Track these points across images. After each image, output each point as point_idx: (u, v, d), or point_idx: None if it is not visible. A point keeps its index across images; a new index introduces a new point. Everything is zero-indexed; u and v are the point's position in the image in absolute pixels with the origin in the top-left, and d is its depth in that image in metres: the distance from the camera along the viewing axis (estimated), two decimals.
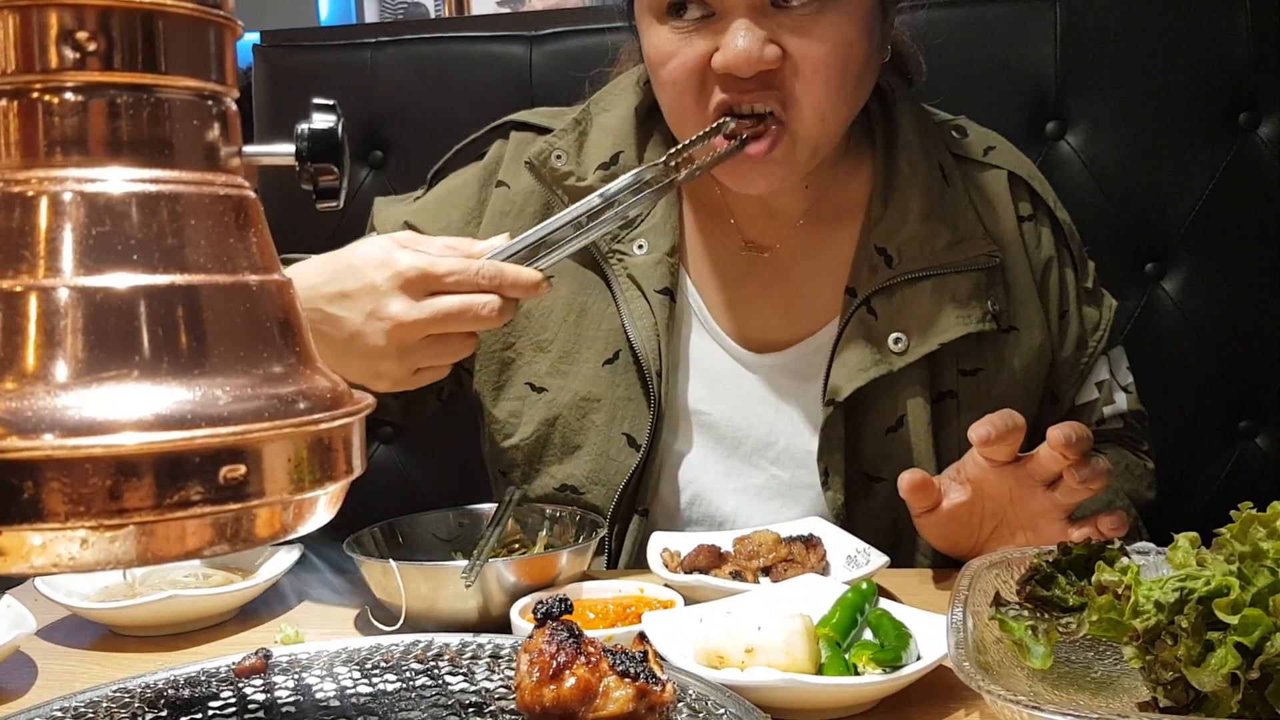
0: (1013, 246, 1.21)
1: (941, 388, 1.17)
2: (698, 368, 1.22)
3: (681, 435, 1.21)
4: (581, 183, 1.20)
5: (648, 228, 1.21)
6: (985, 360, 1.18)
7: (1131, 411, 1.26)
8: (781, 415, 1.20)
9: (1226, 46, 1.52)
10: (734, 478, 1.21)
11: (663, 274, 1.19)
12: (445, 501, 1.19)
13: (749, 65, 1.03)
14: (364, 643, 0.84)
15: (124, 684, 0.78)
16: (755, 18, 1.04)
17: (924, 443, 1.16)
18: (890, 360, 1.14)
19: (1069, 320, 1.23)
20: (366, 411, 0.52)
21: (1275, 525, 0.71)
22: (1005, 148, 1.28)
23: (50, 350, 0.43)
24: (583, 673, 0.67)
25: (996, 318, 1.17)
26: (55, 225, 0.45)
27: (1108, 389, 1.24)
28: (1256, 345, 1.55)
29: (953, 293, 1.16)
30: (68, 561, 0.43)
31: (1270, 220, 1.54)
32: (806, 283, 1.22)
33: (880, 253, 1.17)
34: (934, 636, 0.83)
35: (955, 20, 1.58)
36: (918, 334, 1.15)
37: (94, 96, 0.46)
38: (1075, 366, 1.23)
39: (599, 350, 1.20)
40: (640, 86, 1.24)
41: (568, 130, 1.24)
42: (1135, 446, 1.27)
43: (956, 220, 1.18)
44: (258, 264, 0.49)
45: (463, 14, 3.13)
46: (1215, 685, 0.66)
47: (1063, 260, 1.24)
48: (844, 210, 1.23)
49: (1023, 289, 1.20)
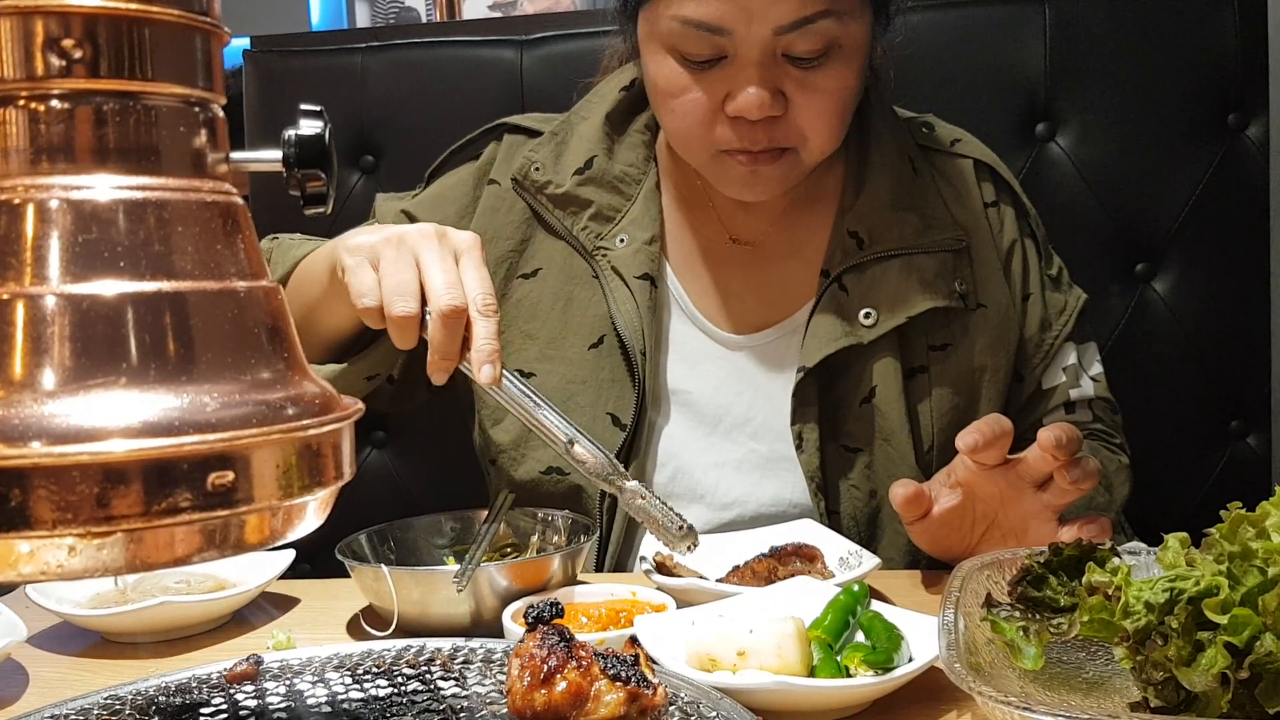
0: (979, 230, 1.25)
1: (913, 363, 1.21)
2: (679, 350, 1.26)
3: (663, 413, 1.25)
4: (559, 189, 1.26)
5: (628, 222, 1.26)
6: (953, 336, 1.22)
7: (1100, 399, 1.29)
8: (760, 393, 1.24)
9: (1215, 48, 1.52)
10: (713, 452, 1.25)
11: (642, 261, 1.24)
12: (437, 506, 1.19)
13: (759, 112, 1.10)
14: (356, 648, 0.84)
15: (115, 691, 0.78)
16: (766, 65, 1.09)
17: (897, 414, 1.19)
18: (859, 333, 1.19)
19: (1032, 302, 1.27)
20: (355, 417, 0.52)
21: (1265, 525, 0.71)
22: (970, 140, 1.32)
23: (37, 358, 0.43)
24: (574, 677, 0.67)
25: (964, 297, 1.22)
26: (42, 233, 0.45)
27: (1073, 373, 1.26)
28: (1246, 345, 1.56)
29: (920, 272, 1.21)
30: (55, 569, 0.43)
31: (1259, 220, 1.54)
32: (784, 269, 1.27)
33: (853, 236, 1.22)
34: (925, 638, 0.83)
35: (945, 22, 1.58)
36: (886, 309, 1.20)
37: (80, 104, 0.46)
38: (1040, 346, 1.26)
39: (585, 335, 1.25)
40: (617, 93, 1.30)
41: (545, 142, 1.30)
42: (1108, 440, 1.29)
43: (925, 208, 1.23)
44: (245, 270, 0.49)
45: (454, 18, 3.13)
46: (1206, 685, 0.66)
47: (1025, 245, 1.29)
48: (820, 200, 1.28)
49: (989, 269, 1.25)
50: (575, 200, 1.26)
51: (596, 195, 1.26)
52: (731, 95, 1.10)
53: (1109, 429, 1.29)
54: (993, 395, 1.23)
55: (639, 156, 1.28)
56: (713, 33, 1.08)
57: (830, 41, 1.09)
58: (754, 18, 1.06)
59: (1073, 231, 1.29)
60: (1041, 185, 1.52)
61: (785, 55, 1.10)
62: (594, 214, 1.26)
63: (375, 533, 1.11)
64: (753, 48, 1.08)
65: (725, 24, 1.07)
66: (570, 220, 1.26)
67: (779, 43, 1.08)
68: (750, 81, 1.09)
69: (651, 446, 1.24)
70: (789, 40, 1.08)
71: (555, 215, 1.27)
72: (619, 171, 1.27)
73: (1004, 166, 1.31)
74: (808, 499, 1.20)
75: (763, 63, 1.09)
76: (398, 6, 3.63)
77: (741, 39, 1.08)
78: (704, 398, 1.25)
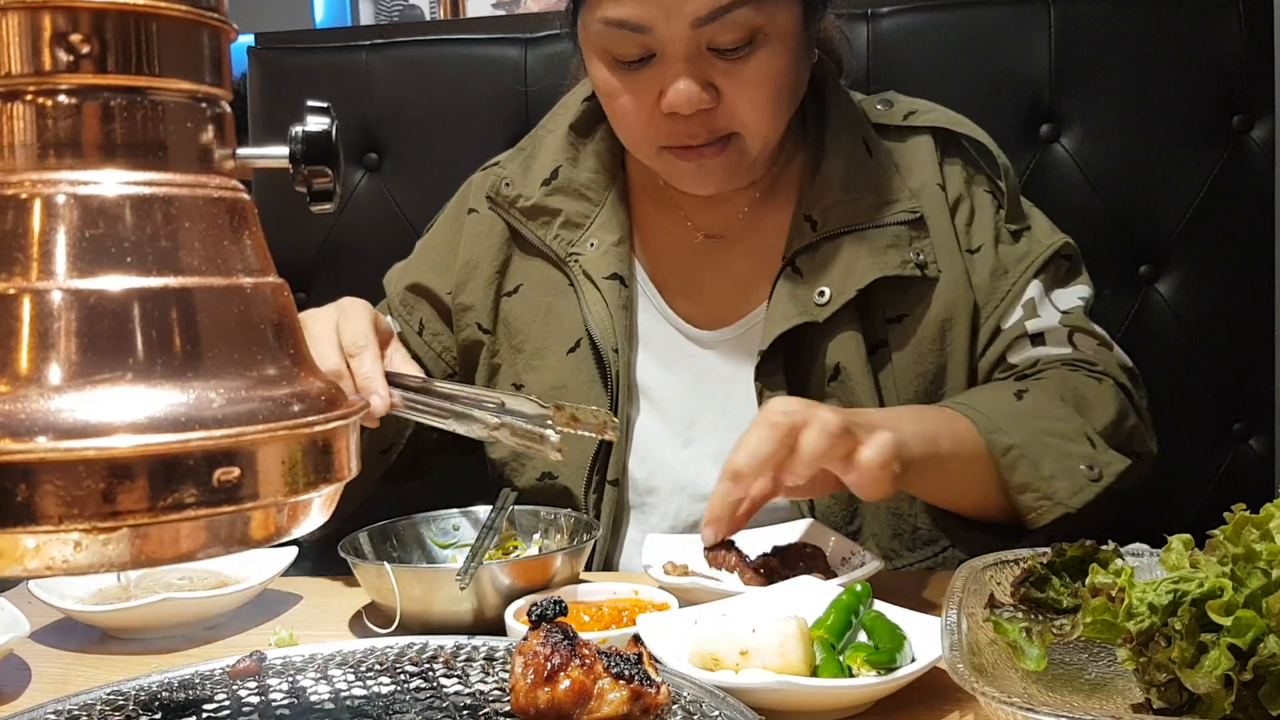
0: (934, 197, 1.25)
1: (874, 338, 1.22)
2: (651, 347, 1.28)
3: (639, 409, 1.27)
4: (528, 201, 1.30)
5: (597, 227, 1.29)
6: (909, 306, 1.22)
7: (1079, 329, 1.23)
8: (735, 386, 1.25)
9: (1220, 49, 1.52)
10: (691, 446, 1.26)
11: (610, 261, 1.26)
12: (440, 504, 1.19)
13: (690, 106, 1.11)
14: (358, 645, 0.84)
15: (118, 687, 0.78)
16: (693, 59, 1.11)
17: (865, 390, 1.19)
18: (813, 311, 1.19)
19: (982, 253, 1.24)
20: (361, 413, 0.52)
21: (1268, 527, 0.71)
22: (928, 109, 1.31)
23: (44, 353, 0.43)
24: (577, 675, 0.67)
25: (923, 267, 1.21)
26: (49, 228, 0.45)
27: (1030, 308, 1.22)
28: (1250, 347, 1.55)
29: (871, 245, 1.21)
30: (61, 564, 0.43)
31: (1263, 222, 1.54)
32: (751, 261, 1.28)
33: (807, 220, 1.23)
34: (928, 638, 0.83)
35: (949, 23, 1.58)
36: (839, 285, 1.20)
37: (88, 99, 0.46)
38: (993, 294, 1.23)
39: (563, 341, 1.28)
40: (580, 103, 1.32)
41: (513, 157, 1.34)
42: (1089, 367, 1.22)
43: (878, 187, 1.24)
44: (252, 266, 0.49)
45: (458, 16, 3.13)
46: (1209, 687, 0.66)
47: (976, 198, 1.26)
48: (782, 192, 1.30)
49: (943, 233, 1.24)
50: (545, 210, 1.29)
51: (564, 204, 1.29)
52: (663, 92, 1.12)
53: (1091, 360, 1.23)
54: (959, 356, 1.22)
55: (604, 162, 1.30)
56: (635, 31, 1.10)
57: (753, 30, 1.10)
58: (671, 13, 1.08)
59: (1076, 233, 1.28)
60: (1045, 186, 1.52)
61: (710, 48, 1.11)
62: (564, 222, 1.29)
63: (378, 530, 1.12)
64: (676, 43, 1.10)
65: (644, 21, 1.09)
66: (542, 231, 1.29)
67: (701, 35, 1.10)
68: (678, 76, 1.11)
69: (630, 442, 1.26)
70: (710, 32, 1.09)
71: (528, 228, 1.30)
72: (585, 179, 1.30)
73: (967, 123, 1.29)
74: None
75: (688, 57, 1.10)
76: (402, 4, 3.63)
77: (663, 35, 1.09)
78: (679, 394, 1.26)
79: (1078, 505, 1.08)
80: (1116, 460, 1.13)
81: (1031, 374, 1.21)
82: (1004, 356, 1.23)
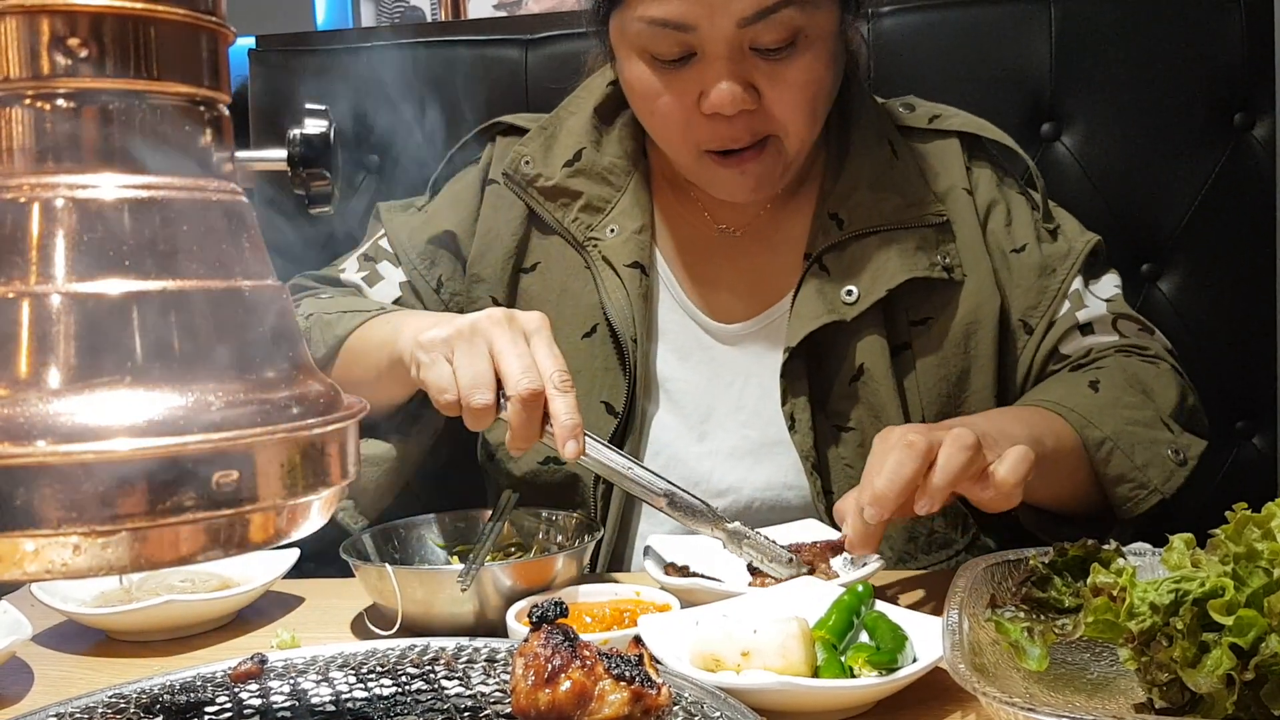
0: (960, 202, 1.25)
1: (898, 340, 1.22)
2: (670, 338, 1.28)
3: (655, 401, 1.27)
4: (548, 182, 1.28)
5: (618, 212, 1.28)
6: (935, 309, 1.23)
7: (1123, 316, 1.26)
8: (751, 381, 1.25)
9: (1221, 48, 1.52)
10: (706, 441, 1.25)
11: (632, 249, 1.25)
12: (441, 506, 1.19)
13: (733, 106, 1.11)
14: (360, 647, 0.84)
15: (120, 689, 0.78)
16: (735, 60, 1.10)
17: (887, 391, 1.20)
18: (842, 310, 1.19)
19: (1028, 251, 1.25)
20: (360, 416, 0.52)
21: (1270, 526, 0.71)
22: (952, 113, 1.32)
23: (42, 357, 0.43)
24: (578, 676, 0.67)
25: (949, 270, 1.22)
26: (47, 231, 0.45)
27: (1076, 299, 1.25)
28: (1252, 346, 1.55)
29: (900, 247, 1.21)
30: (60, 568, 0.43)
31: (1265, 221, 1.53)
32: (770, 256, 1.28)
33: (833, 218, 1.23)
34: (930, 638, 0.83)
35: (951, 22, 1.58)
36: (867, 284, 1.20)
37: (86, 103, 0.46)
38: (1045, 292, 1.25)
39: (578, 325, 1.26)
40: (605, 87, 1.31)
41: (534, 136, 1.32)
42: (1141, 353, 1.25)
43: (905, 188, 1.24)
44: (251, 270, 0.49)
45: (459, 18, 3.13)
46: (1210, 686, 0.66)
47: (1011, 200, 1.28)
48: (802, 188, 1.29)
49: (968, 237, 1.24)
50: (565, 192, 1.28)
51: (586, 187, 1.28)
52: (704, 93, 1.12)
53: (1140, 344, 1.26)
54: (984, 360, 1.23)
55: (627, 148, 1.29)
56: (679, 30, 1.09)
57: (795, 30, 1.10)
58: (716, 11, 1.08)
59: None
60: (1047, 185, 1.51)
61: (753, 48, 1.11)
62: (584, 205, 1.28)
63: (379, 532, 1.12)
64: (719, 42, 1.09)
65: (689, 20, 1.09)
66: (561, 213, 1.28)
67: (745, 35, 1.09)
68: (720, 77, 1.10)
69: (644, 435, 1.26)
70: (754, 32, 1.09)
71: (546, 209, 1.28)
72: (607, 163, 1.29)
73: (991, 129, 1.30)
74: (802, 480, 1.20)
75: (731, 56, 1.10)
76: (403, 6, 3.63)
77: (707, 34, 1.09)
78: (695, 388, 1.26)
79: (1171, 490, 1.11)
80: (1195, 442, 1.15)
81: (1088, 363, 1.22)
82: (1056, 348, 1.24)
